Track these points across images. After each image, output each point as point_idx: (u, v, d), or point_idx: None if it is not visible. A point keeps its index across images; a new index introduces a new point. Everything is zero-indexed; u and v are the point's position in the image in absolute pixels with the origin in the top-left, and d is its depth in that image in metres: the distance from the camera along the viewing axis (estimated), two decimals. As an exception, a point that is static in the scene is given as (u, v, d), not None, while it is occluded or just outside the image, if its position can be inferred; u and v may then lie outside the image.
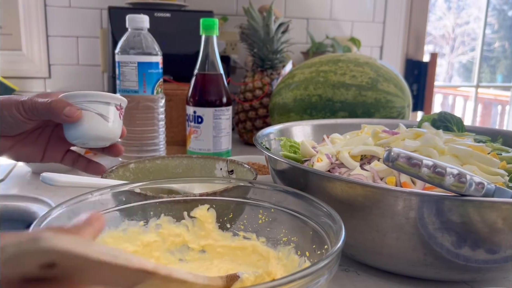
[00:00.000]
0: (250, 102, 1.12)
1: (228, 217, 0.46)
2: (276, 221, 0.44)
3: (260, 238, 0.45)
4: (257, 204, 0.45)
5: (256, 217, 0.45)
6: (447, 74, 3.25)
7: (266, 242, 0.45)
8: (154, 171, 0.65)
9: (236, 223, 0.46)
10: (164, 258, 0.45)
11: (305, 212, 0.42)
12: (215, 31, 0.86)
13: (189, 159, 0.66)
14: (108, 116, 0.55)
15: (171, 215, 0.45)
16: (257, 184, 0.46)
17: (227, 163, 0.64)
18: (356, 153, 0.55)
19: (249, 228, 0.46)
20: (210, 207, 0.46)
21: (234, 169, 0.63)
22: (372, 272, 0.50)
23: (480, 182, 0.39)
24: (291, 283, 0.26)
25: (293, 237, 0.43)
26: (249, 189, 0.46)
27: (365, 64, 0.92)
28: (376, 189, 0.43)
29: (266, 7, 1.27)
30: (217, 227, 0.46)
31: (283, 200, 0.44)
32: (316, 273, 0.28)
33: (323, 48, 1.48)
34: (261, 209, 0.45)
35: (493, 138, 0.66)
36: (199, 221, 0.45)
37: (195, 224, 0.46)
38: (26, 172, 0.87)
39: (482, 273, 0.45)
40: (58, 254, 0.17)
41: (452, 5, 3.03)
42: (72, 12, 1.34)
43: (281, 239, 0.44)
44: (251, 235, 0.46)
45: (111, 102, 0.55)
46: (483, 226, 0.40)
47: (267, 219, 0.44)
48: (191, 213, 0.45)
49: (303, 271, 0.27)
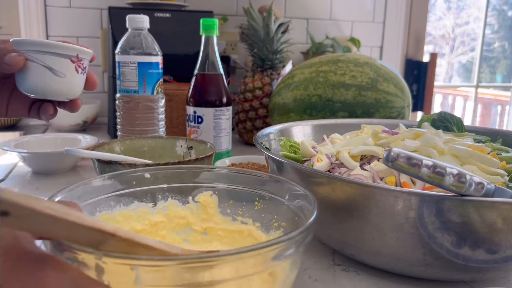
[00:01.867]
0: (250, 102, 1.12)
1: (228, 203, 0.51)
2: (269, 207, 0.47)
3: (256, 223, 0.49)
4: (255, 192, 0.48)
5: (253, 204, 0.49)
6: (447, 74, 3.26)
7: (261, 227, 0.48)
8: (124, 150, 0.74)
9: (235, 208, 0.50)
10: (170, 237, 0.48)
11: (288, 197, 0.45)
12: (215, 31, 0.86)
13: (152, 139, 0.77)
14: (58, 69, 0.49)
15: (178, 199, 0.50)
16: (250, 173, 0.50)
17: (186, 141, 0.75)
18: (356, 153, 0.55)
19: (246, 214, 0.49)
20: (213, 193, 0.49)
21: (193, 146, 0.73)
22: (372, 272, 0.50)
23: (480, 182, 0.39)
24: (238, 254, 0.29)
25: (282, 223, 0.46)
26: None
27: (365, 64, 0.92)
28: (376, 189, 0.43)
29: (266, 7, 1.27)
30: (219, 212, 0.50)
31: (270, 187, 0.47)
32: (280, 244, 0.31)
33: (323, 48, 1.48)
34: (257, 196, 0.48)
35: (493, 138, 0.66)
36: (202, 205, 0.49)
37: (199, 208, 0.50)
38: (26, 172, 0.87)
39: (482, 273, 0.45)
40: (10, 205, 0.21)
41: (452, 5, 3.03)
42: (72, 12, 1.34)
43: (273, 224, 0.47)
44: (248, 220, 0.49)
45: (63, 53, 0.49)
46: (483, 226, 0.40)
47: (262, 206, 0.48)
48: (195, 198, 0.49)
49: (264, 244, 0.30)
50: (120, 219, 0.46)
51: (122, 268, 0.28)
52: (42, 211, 0.23)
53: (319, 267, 0.51)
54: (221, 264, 0.29)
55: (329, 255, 0.55)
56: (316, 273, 0.50)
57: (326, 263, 0.52)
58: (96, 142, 0.87)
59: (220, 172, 0.51)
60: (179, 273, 0.28)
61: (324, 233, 0.53)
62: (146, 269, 0.28)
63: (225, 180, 0.50)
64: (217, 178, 0.50)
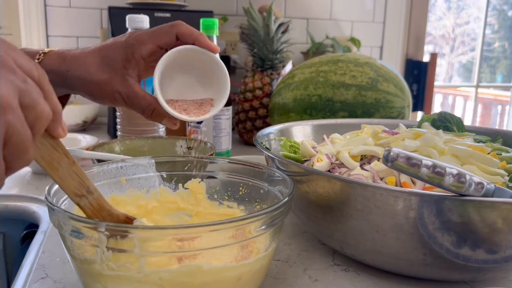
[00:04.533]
0: (250, 102, 1.12)
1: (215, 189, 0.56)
2: (252, 192, 0.53)
3: (240, 207, 0.54)
4: (240, 179, 0.54)
5: (238, 189, 0.54)
6: (447, 74, 3.25)
7: (244, 210, 0.53)
8: (124, 150, 0.75)
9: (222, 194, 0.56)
10: (162, 221, 0.53)
11: (268, 183, 0.51)
12: (215, 31, 0.86)
13: (152, 139, 0.77)
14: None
15: (169, 186, 0.55)
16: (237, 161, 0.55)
17: (186, 141, 0.75)
18: (356, 153, 0.55)
19: (232, 199, 0.54)
20: (201, 180, 0.54)
21: (193, 146, 0.73)
22: (372, 272, 0.50)
23: (480, 182, 0.39)
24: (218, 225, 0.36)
25: (264, 205, 0.51)
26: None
27: (365, 64, 0.92)
28: (376, 189, 0.43)
29: (266, 7, 1.27)
30: (207, 197, 0.54)
31: (254, 174, 0.53)
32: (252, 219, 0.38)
33: (323, 48, 1.48)
34: (241, 182, 0.53)
35: (493, 138, 0.66)
36: (191, 191, 0.54)
37: (188, 194, 0.54)
38: (26, 172, 0.87)
39: (482, 273, 0.45)
40: None
41: (452, 5, 3.03)
42: (72, 12, 1.34)
43: (255, 207, 0.52)
44: (233, 204, 0.54)
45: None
46: (483, 226, 0.40)
47: (246, 191, 0.53)
48: (185, 185, 0.54)
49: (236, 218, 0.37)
50: (115, 203, 0.49)
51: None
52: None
53: (319, 267, 0.51)
54: (203, 234, 0.36)
55: (329, 255, 0.54)
56: (316, 273, 0.50)
57: (326, 263, 0.52)
58: (96, 142, 0.87)
59: (207, 161, 0.56)
60: (170, 242, 0.35)
61: (324, 233, 0.53)
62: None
63: (212, 168, 0.55)
64: (206, 167, 0.55)
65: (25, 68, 0.26)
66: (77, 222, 0.35)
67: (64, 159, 0.32)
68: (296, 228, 0.62)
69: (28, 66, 0.26)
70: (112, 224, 0.35)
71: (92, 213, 0.36)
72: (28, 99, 0.25)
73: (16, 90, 0.24)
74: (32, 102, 0.25)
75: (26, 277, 0.49)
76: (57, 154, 0.31)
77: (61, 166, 0.32)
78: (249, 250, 0.41)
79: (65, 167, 0.32)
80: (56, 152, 0.31)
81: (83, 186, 0.34)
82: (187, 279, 0.38)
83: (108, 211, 0.37)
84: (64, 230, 0.37)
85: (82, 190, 0.34)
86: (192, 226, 0.36)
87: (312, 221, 0.53)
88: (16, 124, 0.24)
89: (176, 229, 0.36)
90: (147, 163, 0.54)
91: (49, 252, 0.54)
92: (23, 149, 0.25)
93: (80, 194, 0.34)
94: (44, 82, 0.27)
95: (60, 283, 0.47)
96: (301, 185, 0.50)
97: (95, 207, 0.35)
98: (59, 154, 0.31)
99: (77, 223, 0.35)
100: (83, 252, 0.38)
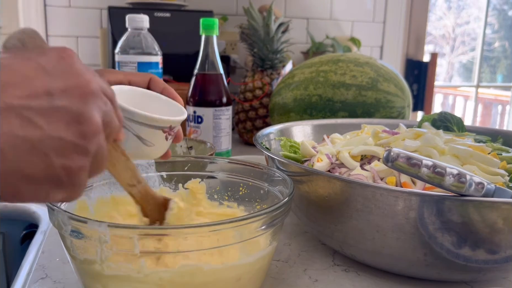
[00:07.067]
0: (250, 102, 1.12)
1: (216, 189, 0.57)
2: (252, 192, 0.53)
3: (240, 207, 0.54)
4: (240, 179, 0.54)
5: (238, 189, 0.54)
6: (447, 74, 3.25)
7: (244, 210, 0.53)
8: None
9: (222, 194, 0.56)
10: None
11: (269, 183, 0.51)
12: (215, 31, 0.86)
13: None
14: (147, 139, 0.46)
15: (169, 186, 0.55)
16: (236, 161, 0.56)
17: (186, 141, 0.74)
18: (356, 153, 0.55)
19: (232, 199, 0.54)
20: (201, 180, 0.54)
21: (193, 146, 0.73)
22: (372, 272, 0.50)
23: (480, 182, 0.39)
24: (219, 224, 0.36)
25: (264, 205, 0.51)
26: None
27: (365, 64, 0.92)
28: (376, 189, 0.43)
29: (266, 7, 1.27)
30: (207, 197, 0.54)
31: (254, 174, 0.53)
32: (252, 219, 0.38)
33: (323, 48, 1.48)
34: (241, 183, 0.54)
35: (493, 138, 0.66)
36: (191, 191, 0.54)
37: (188, 194, 0.54)
38: (26, 172, 0.87)
39: (483, 273, 0.45)
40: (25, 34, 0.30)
41: (452, 5, 3.03)
42: (72, 12, 1.34)
43: (255, 207, 0.52)
44: (233, 204, 0.54)
45: (157, 125, 0.45)
46: (483, 226, 0.40)
47: (246, 191, 0.53)
48: (185, 185, 0.54)
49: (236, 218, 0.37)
50: (115, 203, 0.50)
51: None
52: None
53: (319, 268, 0.51)
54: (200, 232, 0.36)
55: (329, 255, 0.54)
56: (316, 274, 0.50)
57: (326, 264, 0.52)
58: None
59: (207, 161, 0.56)
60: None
61: (324, 233, 0.53)
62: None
63: (212, 168, 0.56)
64: (206, 167, 0.56)
65: (106, 91, 0.30)
66: (77, 222, 0.36)
67: (121, 157, 0.37)
68: (296, 228, 0.62)
69: (107, 89, 0.30)
70: (112, 224, 0.35)
71: (140, 199, 0.41)
72: (108, 118, 0.29)
73: (101, 113, 0.28)
74: (110, 120, 0.30)
75: (26, 277, 0.49)
76: (116, 153, 0.37)
77: (119, 162, 0.37)
78: (249, 250, 0.41)
79: (122, 164, 0.38)
80: (115, 151, 0.37)
81: (135, 178, 0.40)
82: (187, 279, 0.38)
83: (152, 195, 0.42)
84: (64, 230, 0.37)
85: (134, 181, 0.40)
86: (192, 226, 0.37)
87: (312, 221, 0.53)
88: (102, 142, 0.28)
89: (176, 229, 0.36)
90: (147, 163, 0.54)
91: (49, 252, 0.54)
92: (103, 159, 0.29)
93: (132, 184, 0.40)
94: (114, 98, 0.31)
95: (60, 283, 0.47)
96: (301, 185, 0.50)
97: (142, 194, 0.41)
98: (117, 153, 0.37)
99: (77, 223, 0.36)
100: (83, 252, 0.38)
